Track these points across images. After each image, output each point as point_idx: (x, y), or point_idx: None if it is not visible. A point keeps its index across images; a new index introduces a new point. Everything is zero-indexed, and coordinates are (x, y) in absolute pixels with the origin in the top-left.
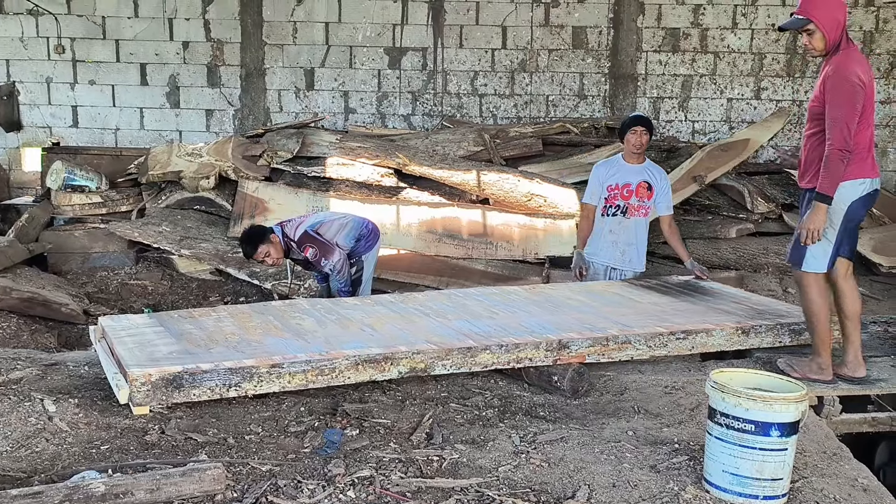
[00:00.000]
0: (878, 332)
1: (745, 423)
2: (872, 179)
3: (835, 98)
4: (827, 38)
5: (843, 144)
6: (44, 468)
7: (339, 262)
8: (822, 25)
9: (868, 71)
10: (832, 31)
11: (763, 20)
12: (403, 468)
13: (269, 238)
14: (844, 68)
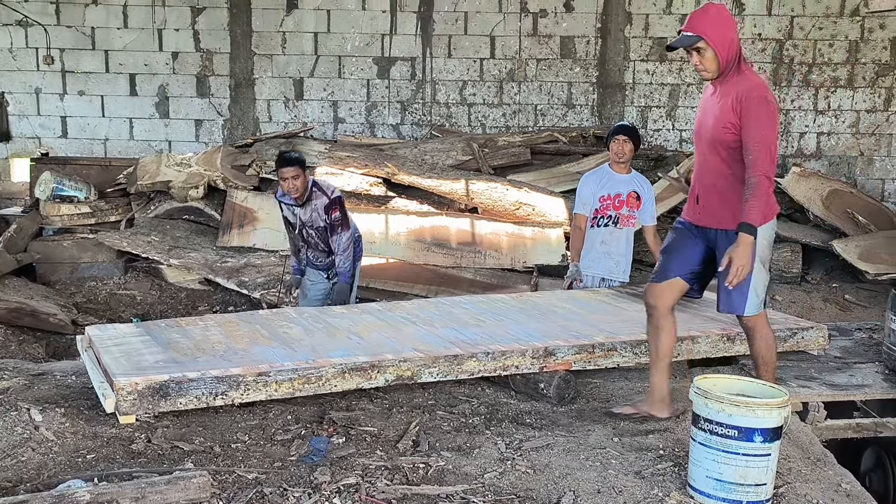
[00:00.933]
0: (864, 338)
1: (729, 429)
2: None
3: (759, 120)
4: (720, 58)
5: (772, 171)
6: (30, 477)
7: (349, 241)
8: (713, 43)
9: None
10: (725, 50)
11: (749, 30)
12: (389, 475)
13: (306, 169)
14: (763, 88)
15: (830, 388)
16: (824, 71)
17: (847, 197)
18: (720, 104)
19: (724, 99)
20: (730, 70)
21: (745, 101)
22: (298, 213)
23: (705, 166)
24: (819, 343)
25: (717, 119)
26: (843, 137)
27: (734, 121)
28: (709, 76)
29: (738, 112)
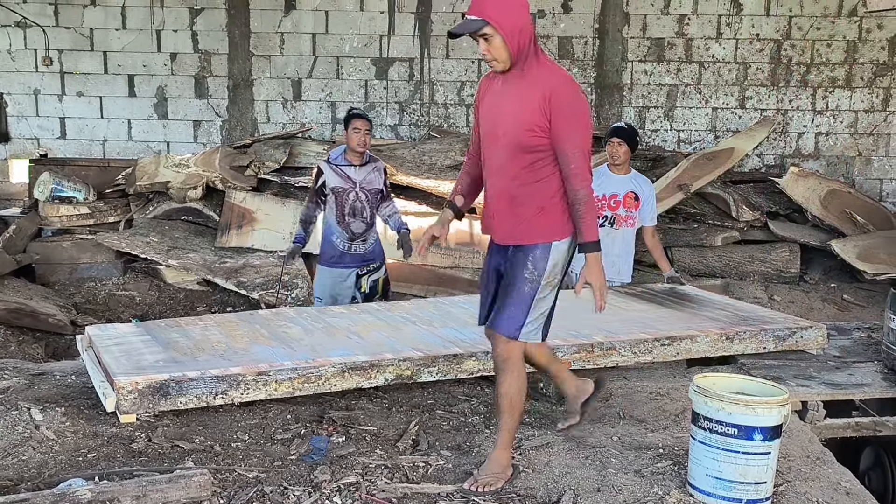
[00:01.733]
0: (862, 337)
1: (729, 427)
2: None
3: (576, 122)
4: (510, 45)
5: (591, 179)
6: (30, 476)
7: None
8: (501, 29)
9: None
10: (515, 37)
11: (747, 30)
12: (389, 474)
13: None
14: (573, 83)
15: (829, 387)
16: (822, 71)
17: (845, 197)
18: (520, 102)
19: (526, 96)
20: (524, 60)
21: (556, 99)
22: (353, 175)
23: (502, 174)
24: (818, 342)
25: (520, 120)
26: (841, 137)
27: (542, 123)
28: (500, 67)
29: (548, 113)
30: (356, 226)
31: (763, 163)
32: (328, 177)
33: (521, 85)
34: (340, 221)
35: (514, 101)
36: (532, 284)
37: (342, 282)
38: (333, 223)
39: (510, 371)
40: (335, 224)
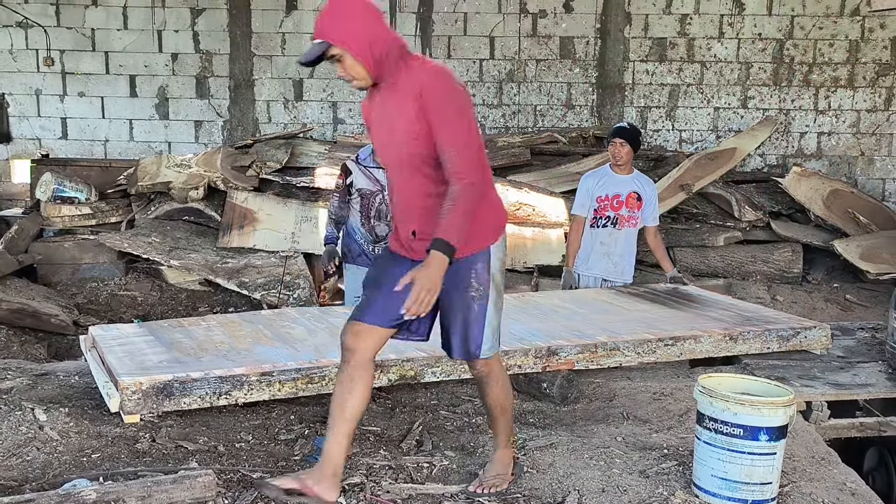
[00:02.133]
0: (866, 338)
1: (734, 428)
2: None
3: (447, 115)
4: (363, 62)
5: (481, 174)
6: (35, 476)
7: None
8: (347, 47)
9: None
10: (367, 51)
11: (749, 29)
12: (394, 475)
13: None
14: (444, 74)
15: (834, 388)
16: (825, 71)
17: (848, 197)
18: (399, 114)
19: (401, 105)
20: (389, 71)
21: (426, 96)
22: (381, 177)
23: (408, 191)
24: (822, 342)
25: (401, 131)
26: (843, 137)
27: (420, 127)
28: (361, 84)
29: (421, 113)
30: (381, 229)
31: (765, 163)
32: (356, 177)
33: (394, 96)
34: (365, 224)
35: (393, 115)
36: (482, 301)
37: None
38: (357, 225)
39: (494, 383)
40: (359, 226)
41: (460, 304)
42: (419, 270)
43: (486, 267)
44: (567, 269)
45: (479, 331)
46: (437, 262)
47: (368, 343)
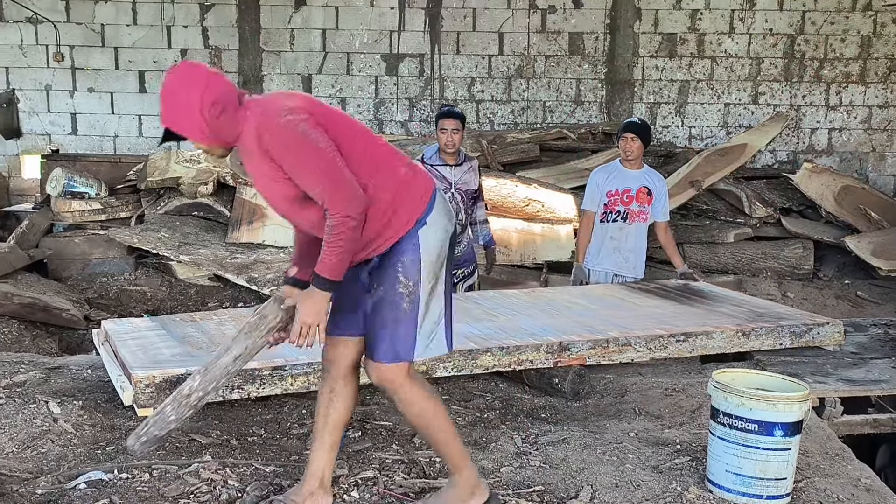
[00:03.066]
0: (879, 334)
1: (749, 423)
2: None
3: (290, 163)
4: (204, 141)
5: (355, 206)
6: (50, 469)
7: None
8: (190, 135)
9: (304, 98)
10: (202, 130)
11: (760, 25)
12: (406, 469)
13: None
14: (264, 119)
15: (847, 384)
16: (836, 66)
17: (859, 193)
18: (256, 170)
19: (253, 161)
20: (232, 131)
21: (264, 143)
22: (448, 175)
23: (310, 231)
24: (835, 339)
25: (272, 183)
26: (854, 133)
27: (280, 172)
28: (219, 154)
29: (273, 161)
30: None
31: (776, 159)
32: None
33: (246, 156)
34: None
35: (257, 174)
36: (411, 297)
37: None
38: None
39: (405, 398)
40: None
41: (385, 299)
42: (305, 305)
43: (415, 259)
44: (577, 265)
45: (406, 334)
46: (315, 297)
47: (344, 352)
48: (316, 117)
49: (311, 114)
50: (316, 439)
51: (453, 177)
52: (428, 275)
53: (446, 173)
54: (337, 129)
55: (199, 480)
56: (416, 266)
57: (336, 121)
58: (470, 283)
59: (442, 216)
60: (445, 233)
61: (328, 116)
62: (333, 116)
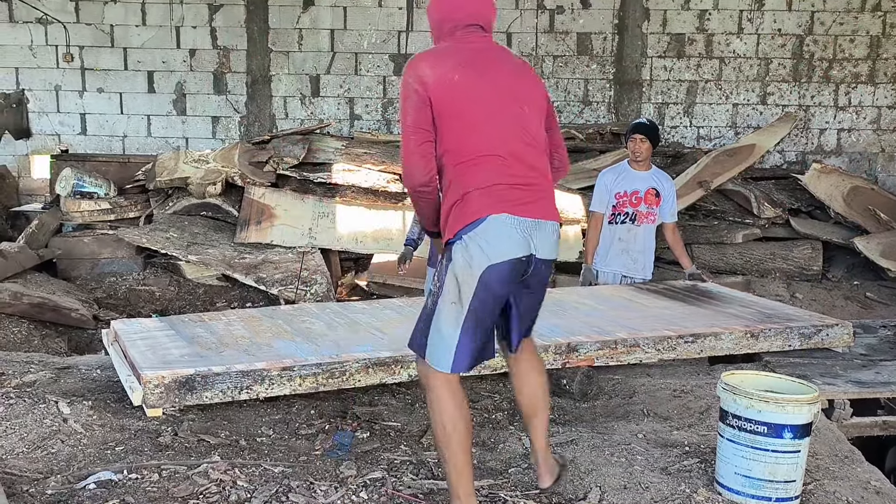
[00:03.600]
0: (888, 335)
1: (758, 425)
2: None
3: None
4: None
5: (409, 181)
6: (59, 469)
7: None
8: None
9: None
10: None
11: (769, 25)
12: (415, 470)
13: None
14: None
15: (856, 386)
16: (845, 67)
17: (868, 194)
18: None
19: None
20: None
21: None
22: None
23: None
24: (844, 340)
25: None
26: (863, 134)
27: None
28: None
29: None
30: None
31: (784, 159)
32: None
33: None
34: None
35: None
36: (434, 299)
37: None
38: None
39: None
40: None
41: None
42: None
43: (447, 266)
44: (586, 266)
45: (424, 329)
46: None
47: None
48: (434, 94)
49: (429, 90)
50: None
51: None
52: (452, 287)
53: None
54: (450, 111)
55: (208, 481)
56: (445, 273)
57: (458, 105)
58: None
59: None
60: (483, 258)
61: (454, 98)
62: (461, 100)
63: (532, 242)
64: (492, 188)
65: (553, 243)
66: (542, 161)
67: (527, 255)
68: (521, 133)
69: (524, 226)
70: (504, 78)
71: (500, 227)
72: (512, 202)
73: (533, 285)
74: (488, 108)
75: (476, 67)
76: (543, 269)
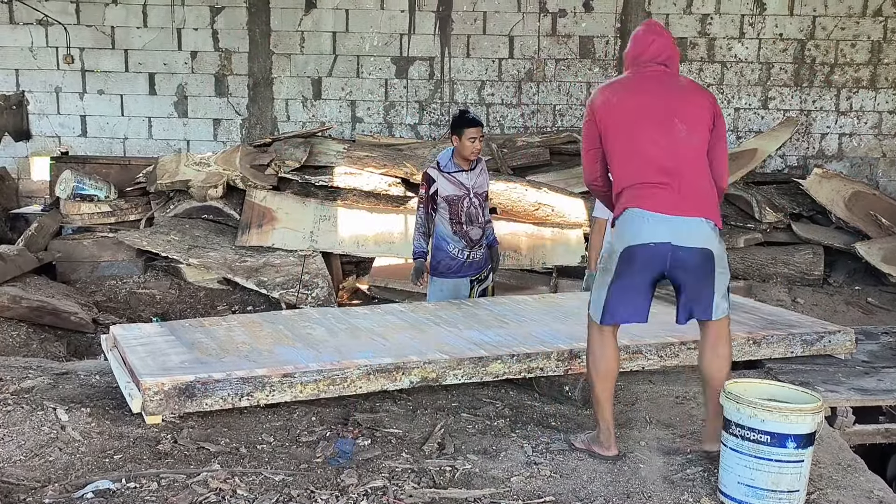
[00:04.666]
0: (891, 342)
1: (761, 435)
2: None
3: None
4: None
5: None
6: (57, 477)
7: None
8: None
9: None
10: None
11: (770, 30)
12: (416, 478)
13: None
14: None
15: (858, 393)
16: (846, 71)
17: (870, 199)
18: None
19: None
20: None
21: None
22: (465, 181)
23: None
24: (846, 347)
25: None
26: (865, 139)
27: None
28: None
29: None
30: (475, 232)
31: (786, 164)
32: (440, 185)
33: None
34: (458, 231)
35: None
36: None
37: (460, 291)
38: (448, 233)
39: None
40: (451, 234)
41: None
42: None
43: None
44: (589, 271)
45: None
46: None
47: None
48: (599, 114)
49: (595, 111)
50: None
51: (470, 182)
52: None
53: (464, 179)
54: (609, 126)
55: (207, 490)
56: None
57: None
58: (484, 286)
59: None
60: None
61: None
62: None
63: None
64: (636, 186)
65: (694, 235)
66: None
67: (661, 243)
68: (670, 145)
69: (656, 219)
70: (663, 99)
71: (635, 218)
72: (649, 199)
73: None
74: (640, 124)
75: (636, 91)
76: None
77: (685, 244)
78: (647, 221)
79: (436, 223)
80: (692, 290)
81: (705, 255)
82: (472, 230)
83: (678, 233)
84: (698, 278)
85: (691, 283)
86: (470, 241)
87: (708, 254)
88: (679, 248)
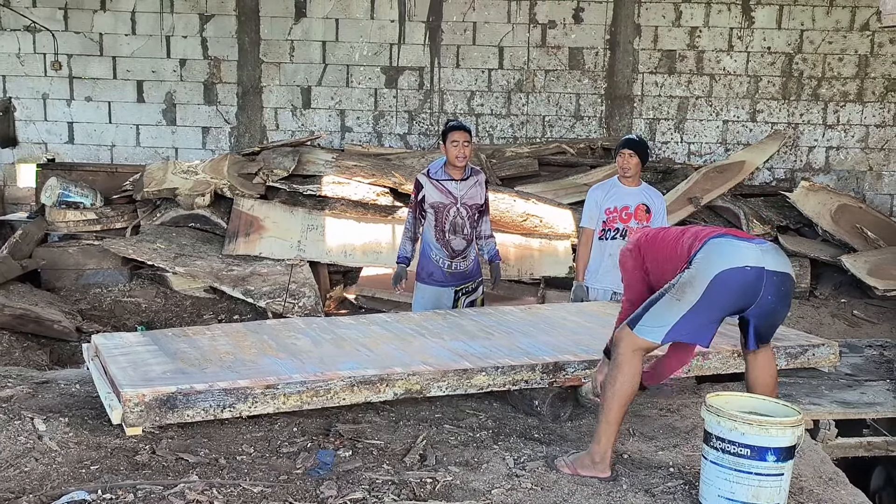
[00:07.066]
0: (874, 355)
1: (741, 448)
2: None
3: None
4: None
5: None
6: (32, 489)
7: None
8: None
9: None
10: None
11: (759, 43)
12: (396, 490)
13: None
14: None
15: (841, 406)
16: (834, 85)
17: (856, 212)
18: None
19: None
20: None
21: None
22: (453, 190)
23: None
24: (830, 360)
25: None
26: (851, 152)
27: None
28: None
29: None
30: (457, 243)
31: (773, 176)
32: (427, 191)
33: None
34: (440, 238)
35: None
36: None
37: (442, 300)
38: (432, 240)
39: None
40: (434, 241)
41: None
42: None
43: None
44: (577, 283)
45: (642, 311)
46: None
47: None
48: (640, 250)
49: (636, 249)
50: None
51: (459, 192)
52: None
53: (452, 188)
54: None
55: (184, 501)
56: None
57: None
58: (473, 298)
59: (706, 259)
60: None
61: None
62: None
63: (761, 256)
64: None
65: (781, 260)
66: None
67: (756, 266)
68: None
69: (748, 244)
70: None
71: (725, 244)
72: (726, 233)
73: (777, 295)
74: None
75: None
76: (780, 282)
77: (777, 269)
78: (739, 247)
79: (424, 230)
80: (775, 316)
81: (791, 280)
82: (455, 240)
83: (768, 257)
84: (784, 304)
85: (777, 309)
86: (452, 251)
87: (792, 279)
88: (773, 272)
